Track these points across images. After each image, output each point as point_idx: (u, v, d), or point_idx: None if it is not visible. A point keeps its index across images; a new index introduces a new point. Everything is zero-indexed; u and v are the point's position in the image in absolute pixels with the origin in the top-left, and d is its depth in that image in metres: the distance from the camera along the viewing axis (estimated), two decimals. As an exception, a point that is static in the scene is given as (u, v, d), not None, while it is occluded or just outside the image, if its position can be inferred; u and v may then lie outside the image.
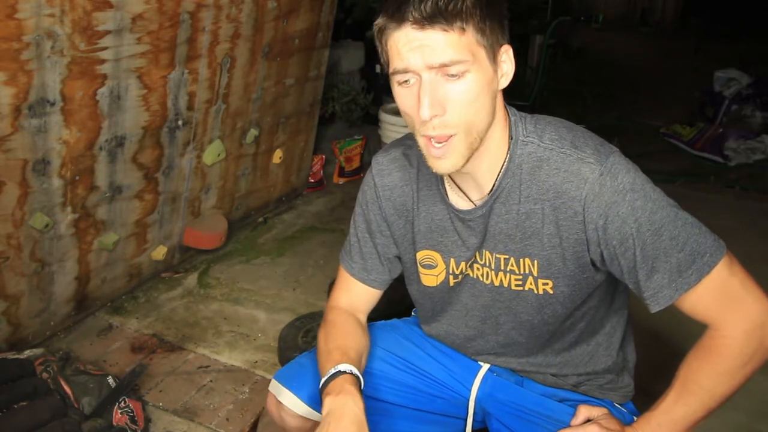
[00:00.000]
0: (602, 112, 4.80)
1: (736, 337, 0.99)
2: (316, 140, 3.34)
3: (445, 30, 0.90)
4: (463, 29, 0.91)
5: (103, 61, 1.89)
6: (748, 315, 0.98)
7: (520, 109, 1.11)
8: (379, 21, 0.95)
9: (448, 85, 0.94)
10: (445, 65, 0.92)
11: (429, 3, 0.89)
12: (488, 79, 0.96)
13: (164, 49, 2.08)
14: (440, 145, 0.97)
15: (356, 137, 3.63)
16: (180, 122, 2.30)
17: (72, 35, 1.76)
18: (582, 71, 5.72)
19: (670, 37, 7.81)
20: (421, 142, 1.00)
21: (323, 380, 1.10)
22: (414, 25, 0.91)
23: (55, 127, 1.84)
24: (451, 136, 0.97)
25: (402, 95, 0.98)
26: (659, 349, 1.89)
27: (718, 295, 0.99)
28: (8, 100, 1.69)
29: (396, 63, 0.95)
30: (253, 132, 2.74)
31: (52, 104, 1.80)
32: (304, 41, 2.81)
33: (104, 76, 1.92)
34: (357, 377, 1.10)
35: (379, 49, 0.99)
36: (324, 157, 3.51)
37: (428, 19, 0.90)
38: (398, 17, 0.91)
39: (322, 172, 3.50)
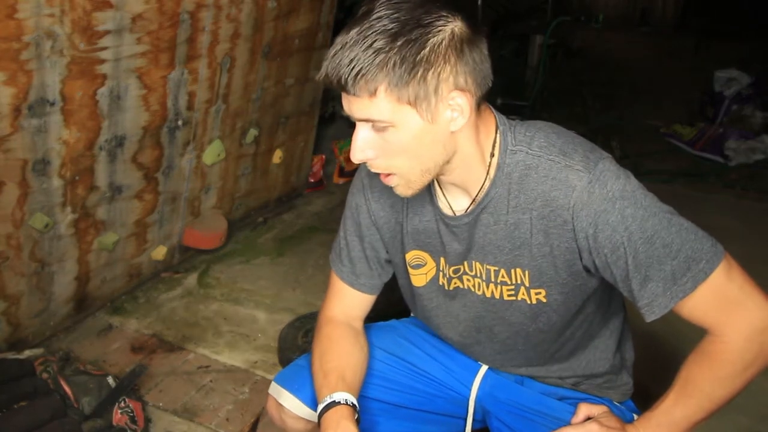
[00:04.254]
0: (602, 112, 4.80)
1: (736, 342, 0.97)
2: (316, 140, 3.33)
3: (354, 95, 0.92)
4: (372, 93, 0.91)
5: (102, 61, 1.89)
6: (748, 320, 0.97)
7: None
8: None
9: (376, 134, 0.96)
10: (365, 120, 0.95)
11: (339, 70, 0.90)
12: (418, 131, 0.95)
13: (164, 49, 2.08)
14: (383, 176, 1.01)
15: (356, 137, 3.62)
16: (180, 122, 2.30)
17: (72, 35, 1.76)
18: (582, 71, 5.72)
19: (670, 37, 7.80)
20: None
21: (320, 408, 1.11)
22: (336, 85, 0.93)
23: (55, 127, 1.84)
24: (390, 174, 1.00)
25: None
26: (658, 347, 1.90)
27: (716, 301, 0.97)
28: (8, 100, 1.69)
29: None
30: (253, 132, 2.74)
31: (52, 104, 1.80)
32: (304, 41, 2.81)
33: (104, 76, 1.91)
34: (353, 406, 1.10)
35: None
36: (324, 157, 3.51)
37: (337, 85, 0.92)
38: (323, 75, 0.94)
39: (322, 172, 3.50)
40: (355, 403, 1.11)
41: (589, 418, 1.11)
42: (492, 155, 1.04)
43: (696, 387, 1.01)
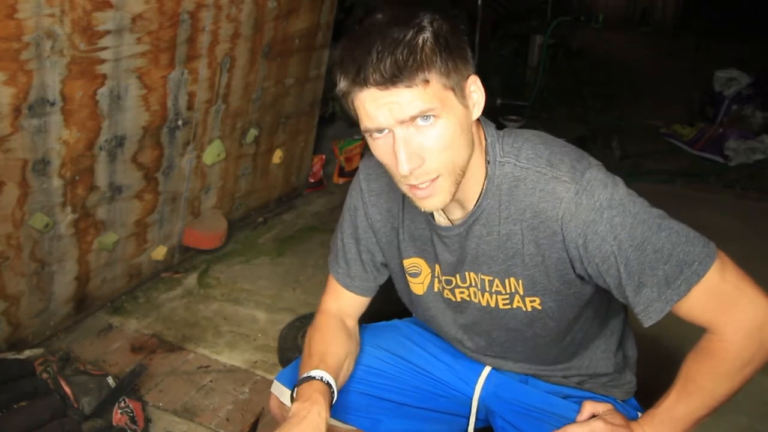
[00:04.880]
0: (602, 112, 4.79)
1: (735, 340, 0.98)
2: (316, 140, 3.33)
3: (408, 86, 0.89)
4: (426, 81, 0.90)
5: (103, 61, 1.89)
6: (746, 317, 0.98)
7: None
8: (342, 85, 0.94)
9: (422, 134, 0.93)
10: (414, 117, 0.91)
11: (387, 63, 0.88)
12: (461, 118, 0.95)
13: (164, 49, 2.08)
14: (425, 185, 0.97)
15: (356, 137, 3.62)
16: (180, 122, 2.30)
17: (72, 35, 1.76)
18: (582, 71, 5.71)
19: (670, 37, 7.81)
20: (405, 188, 1.00)
21: (296, 382, 1.12)
22: (377, 87, 0.90)
23: (55, 127, 1.84)
24: (436, 178, 0.96)
25: (378, 148, 0.97)
26: (660, 346, 1.89)
27: (712, 300, 0.98)
28: (8, 100, 1.69)
29: (366, 123, 0.94)
30: (253, 132, 2.74)
31: (52, 104, 1.80)
32: (304, 41, 2.81)
33: (104, 76, 1.91)
34: (327, 384, 1.11)
35: (347, 107, 0.98)
36: (324, 157, 3.51)
37: (389, 80, 0.89)
38: (359, 81, 0.90)
39: (322, 172, 3.49)
40: (332, 382, 1.12)
41: (594, 416, 1.12)
42: (488, 162, 1.05)
43: (697, 384, 1.01)
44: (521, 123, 4.00)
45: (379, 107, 0.91)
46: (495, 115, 4.00)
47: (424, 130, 0.93)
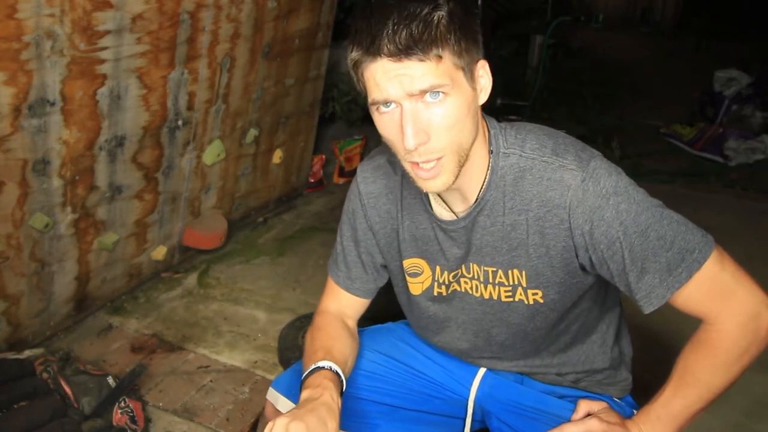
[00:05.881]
0: (602, 112, 4.80)
1: (731, 330, 0.99)
2: (316, 140, 3.34)
3: (421, 60, 0.89)
4: (439, 56, 0.90)
5: (103, 61, 1.89)
6: (742, 307, 0.99)
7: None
8: (354, 54, 0.94)
9: (429, 111, 0.93)
10: (424, 91, 0.91)
11: (403, 34, 0.88)
12: (468, 99, 0.96)
13: (164, 49, 2.08)
14: (430, 166, 0.97)
15: (356, 137, 3.63)
16: (180, 122, 2.30)
17: (72, 35, 1.76)
18: (582, 71, 5.72)
19: (670, 37, 7.81)
20: (407, 166, 0.99)
21: (303, 375, 1.11)
22: (390, 58, 0.90)
23: (55, 127, 1.84)
24: (440, 158, 0.96)
25: (383, 123, 0.97)
26: (655, 342, 1.90)
27: (710, 289, 0.99)
28: (8, 100, 1.69)
29: (375, 94, 0.94)
30: (253, 132, 2.74)
31: (52, 104, 1.80)
32: (304, 41, 2.81)
33: (104, 76, 1.91)
34: (336, 373, 1.11)
35: (355, 80, 0.98)
36: (324, 157, 3.51)
37: (404, 51, 0.89)
38: (373, 50, 0.90)
39: (322, 172, 3.50)
40: (340, 372, 1.11)
41: (589, 415, 1.12)
42: (491, 152, 1.05)
43: (693, 376, 1.02)
44: (521, 123, 4.01)
45: (389, 79, 0.91)
46: (495, 115, 3.99)
47: (432, 106, 0.93)
